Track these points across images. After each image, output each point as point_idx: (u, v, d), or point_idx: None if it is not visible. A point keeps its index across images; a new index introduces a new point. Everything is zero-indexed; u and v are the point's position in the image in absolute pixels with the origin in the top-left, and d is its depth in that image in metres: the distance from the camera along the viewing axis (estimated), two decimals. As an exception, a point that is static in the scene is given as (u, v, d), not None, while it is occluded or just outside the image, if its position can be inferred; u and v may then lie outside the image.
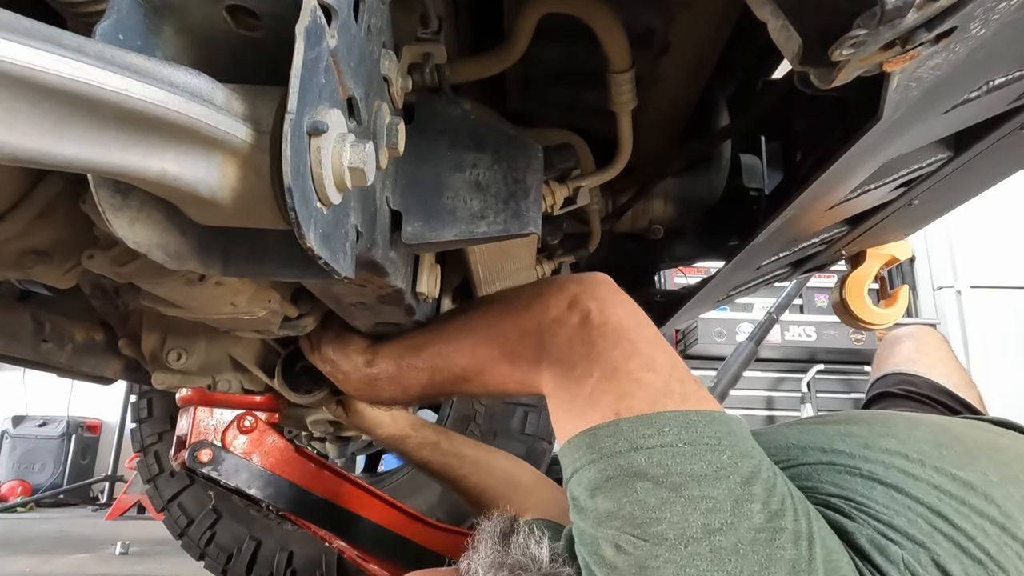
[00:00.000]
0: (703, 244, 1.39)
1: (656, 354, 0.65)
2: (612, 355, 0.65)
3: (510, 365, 0.76)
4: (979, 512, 0.62)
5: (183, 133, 0.37)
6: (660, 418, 0.59)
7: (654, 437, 0.58)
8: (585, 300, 0.71)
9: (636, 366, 0.64)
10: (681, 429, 0.58)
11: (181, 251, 0.47)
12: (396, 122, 0.54)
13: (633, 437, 0.58)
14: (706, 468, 0.56)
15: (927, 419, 0.89)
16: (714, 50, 0.91)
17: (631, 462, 0.57)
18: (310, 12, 0.38)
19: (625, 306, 0.71)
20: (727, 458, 0.57)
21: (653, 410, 0.60)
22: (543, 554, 0.69)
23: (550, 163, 0.89)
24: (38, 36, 0.29)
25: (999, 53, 0.59)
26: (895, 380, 1.33)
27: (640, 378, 0.63)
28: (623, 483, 0.57)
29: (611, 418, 0.61)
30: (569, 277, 0.76)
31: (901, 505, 0.62)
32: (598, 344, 0.67)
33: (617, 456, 0.58)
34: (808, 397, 4.45)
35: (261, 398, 1.11)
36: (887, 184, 0.93)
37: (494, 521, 0.77)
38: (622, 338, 0.66)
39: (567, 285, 0.73)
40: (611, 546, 0.56)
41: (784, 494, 0.57)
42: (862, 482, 0.66)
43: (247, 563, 1.89)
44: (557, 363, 0.70)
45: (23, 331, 0.98)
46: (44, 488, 5.85)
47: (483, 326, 0.80)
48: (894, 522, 0.60)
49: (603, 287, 0.73)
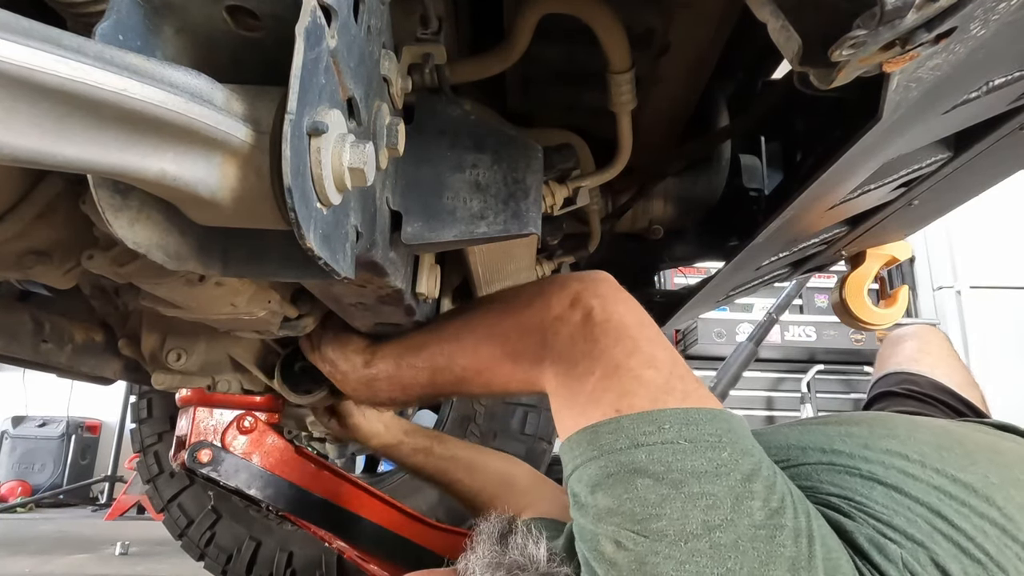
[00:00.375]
0: (703, 244, 1.39)
1: (657, 352, 0.66)
2: (614, 352, 0.65)
3: (512, 364, 0.76)
4: (979, 513, 0.63)
5: (183, 133, 0.37)
6: (661, 415, 0.59)
7: (655, 434, 0.58)
8: (587, 298, 0.71)
9: (637, 363, 0.64)
10: (682, 426, 0.58)
11: (181, 251, 0.47)
12: (396, 122, 0.54)
13: (634, 434, 0.59)
14: (706, 465, 0.56)
15: (928, 421, 0.89)
16: (714, 50, 0.91)
17: (632, 458, 0.57)
18: (310, 12, 0.38)
19: (627, 304, 0.71)
20: (727, 455, 0.57)
21: (654, 407, 0.60)
22: (541, 554, 0.69)
23: (550, 163, 0.89)
24: (37, 36, 0.29)
25: (999, 53, 0.59)
26: (897, 379, 1.33)
27: (641, 375, 0.63)
28: (623, 479, 0.57)
29: (612, 415, 0.61)
30: (571, 275, 0.76)
31: (900, 505, 0.63)
32: (600, 341, 0.67)
33: (618, 453, 0.58)
34: (808, 397, 4.45)
35: (261, 398, 1.11)
36: (887, 184, 0.93)
37: (492, 522, 0.77)
38: (624, 335, 0.67)
39: (569, 283, 0.74)
40: (611, 542, 0.56)
41: (784, 492, 0.57)
42: (862, 482, 0.66)
43: (247, 563, 1.89)
44: (559, 361, 0.70)
45: (23, 331, 0.98)
46: (44, 488, 5.85)
47: (484, 325, 0.80)
48: (893, 521, 0.60)
49: (605, 285, 0.73)
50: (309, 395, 1.07)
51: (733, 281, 1.39)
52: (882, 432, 0.76)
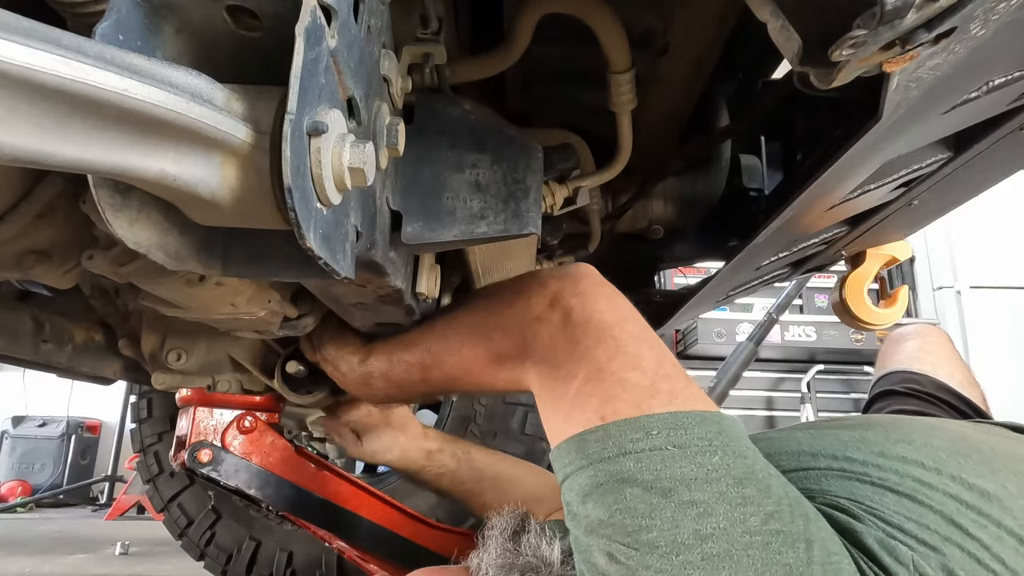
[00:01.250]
0: (703, 244, 1.39)
1: (642, 351, 0.64)
2: (595, 354, 0.64)
3: (496, 364, 0.75)
4: (996, 522, 0.61)
5: (183, 133, 0.37)
6: (648, 421, 0.57)
7: (642, 440, 0.56)
8: (567, 297, 0.69)
9: (621, 366, 0.62)
10: (670, 431, 0.56)
11: (181, 251, 0.47)
12: (396, 122, 0.54)
13: (622, 441, 0.57)
14: (696, 471, 0.54)
15: (944, 424, 0.87)
16: (714, 50, 0.91)
17: (620, 467, 0.56)
18: (310, 12, 0.38)
19: (609, 300, 0.69)
20: (719, 459, 0.55)
21: (639, 413, 0.58)
22: (555, 555, 0.68)
23: (550, 163, 0.89)
24: (38, 36, 0.29)
25: (999, 53, 0.59)
26: (899, 378, 1.33)
27: (625, 379, 0.61)
28: (613, 489, 0.55)
29: (597, 423, 0.59)
30: (551, 272, 0.74)
31: (913, 512, 0.61)
32: (581, 343, 0.65)
33: (607, 462, 0.57)
34: (808, 397, 4.45)
35: (261, 398, 1.11)
36: (887, 184, 0.93)
37: (505, 517, 0.75)
38: (605, 335, 0.65)
39: (548, 281, 0.72)
40: (603, 555, 0.55)
41: (780, 496, 0.55)
42: (873, 489, 0.64)
43: (247, 563, 1.89)
44: (541, 362, 0.69)
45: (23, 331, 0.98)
46: (44, 488, 5.85)
47: (468, 324, 0.79)
48: (905, 526, 0.59)
49: (585, 281, 0.71)
50: (310, 395, 1.07)
51: (733, 281, 1.39)
52: (897, 437, 0.73)
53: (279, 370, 1.06)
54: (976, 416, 1.21)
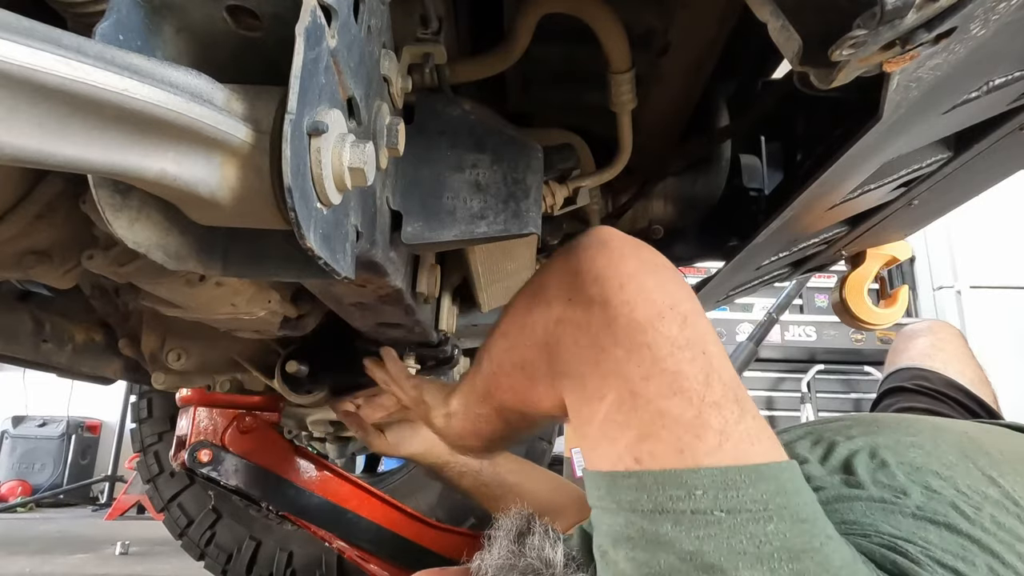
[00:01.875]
0: (703, 244, 1.39)
1: (682, 365, 0.51)
2: (627, 370, 0.52)
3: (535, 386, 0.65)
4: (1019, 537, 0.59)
5: (183, 133, 0.37)
6: (693, 477, 0.47)
7: (684, 501, 0.47)
8: (586, 286, 0.56)
9: (657, 390, 0.50)
10: (719, 492, 0.47)
11: (181, 251, 0.47)
12: (396, 122, 0.54)
13: (659, 498, 0.48)
14: (746, 544, 0.46)
15: (951, 425, 0.85)
16: (714, 50, 0.91)
17: (656, 528, 0.48)
18: (310, 12, 0.38)
19: (639, 283, 0.55)
20: (773, 528, 0.46)
21: (682, 463, 0.48)
22: (558, 558, 0.66)
23: (550, 163, 0.89)
24: (38, 36, 0.29)
25: (999, 53, 0.59)
26: (909, 375, 1.31)
27: (664, 409, 0.50)
28: (646, 548, 0.48)
29: (631, 465, 0.50)
30: (567, 253, 0.61)
31: (957, 545, 0.57)
32: (608, 351, 0.54)
33: (640, 516, 0.49)
34: (808, 397, 4.45)
35: (261, 398, 1.11)
36: (887, 184, 0.93)
37: (511, 518, 0.73)
38: (637, 342, 0.52)
39: (568, 262, 0.60)
40: None
41: (837, 567, 0.47)
42: (916, 524, 0.59)
43: (247, 563, 1.89)
44: (567, 376, 0.59)
45: (23, 331, 0.98)
46: (44, 488, 5.85)
47: (501, 349, 0.70)
48: (959, 568, 0.54)
49: (603, 258, 0.57)
50: (309, 395, 1.07)
51: (733, 281, 1.39)
52: (908, 442, 0.71)
53: (279, 370, 1.06)
54: (986, 414, 1.20)
